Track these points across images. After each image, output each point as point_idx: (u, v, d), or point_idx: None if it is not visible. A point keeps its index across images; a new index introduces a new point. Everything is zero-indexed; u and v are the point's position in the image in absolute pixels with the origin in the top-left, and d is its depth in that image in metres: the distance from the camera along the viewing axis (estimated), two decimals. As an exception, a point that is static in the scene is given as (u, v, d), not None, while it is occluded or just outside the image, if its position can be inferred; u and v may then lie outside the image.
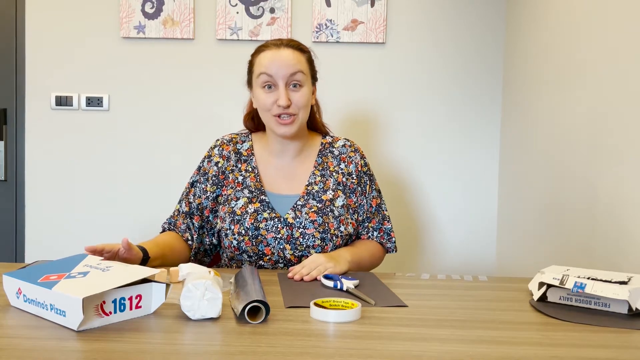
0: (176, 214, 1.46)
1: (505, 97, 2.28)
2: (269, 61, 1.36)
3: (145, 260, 1.22)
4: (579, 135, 1.62)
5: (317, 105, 1.52)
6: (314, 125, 1.52)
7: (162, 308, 0.93)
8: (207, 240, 1.44)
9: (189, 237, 1.42)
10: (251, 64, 1.43)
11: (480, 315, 0.96)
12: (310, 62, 1.43)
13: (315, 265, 1.22)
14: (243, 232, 1.35)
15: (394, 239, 1.49)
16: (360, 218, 1.46)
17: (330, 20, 2.26)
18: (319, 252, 1.36)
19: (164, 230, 1.45)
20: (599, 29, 1.52)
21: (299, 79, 1.36)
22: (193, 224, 1.43)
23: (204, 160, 1.48)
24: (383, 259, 1.49)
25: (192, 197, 1.45)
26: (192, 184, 1.46)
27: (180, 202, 1.46)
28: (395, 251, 1.50)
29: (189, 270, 0.97)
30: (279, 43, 1.39)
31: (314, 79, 1.45)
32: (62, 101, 2.29)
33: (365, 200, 1.47)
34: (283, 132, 1.38)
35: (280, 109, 1.35)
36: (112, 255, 1.12)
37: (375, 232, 1.47)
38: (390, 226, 1.49)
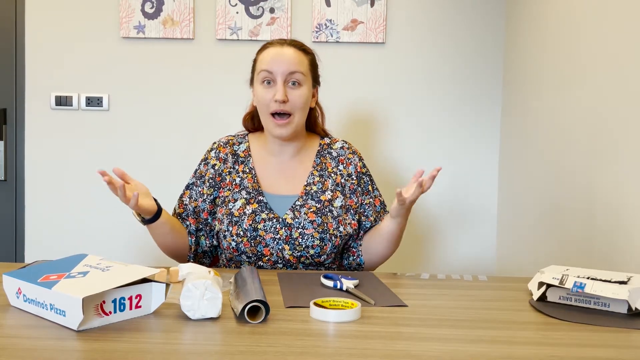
0: (173, 213, 1.46)
1: (505, 97, 2.28)
2: (271, 58, 1.38)
3: (157, 213, 1.30)
4: (578, 135, 1.62)
5: (320, 110, 1.53)
6: (314, 128, 1.52)
7: (162, 308, 0.93)
8: (207, 242, 1.44)
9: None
10: (254, 62, 1.44)
11: (480, 315, 0.96)
12: (313, 64, 1.44)
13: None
14: (241, 233, 1.35)
15: None
16: (371, 218, 1.46)
17: (330, 20, 2.26)
18: (318, 252, 1.36)
19: None
20: (599, 29, 1.52)
21: (297, 78, 1.37)
22: (188, 225, 1.43)
23: (200, 163, 1.48)
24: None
25: (187, 200, 1.45)
26: (188, 187, 1.47)
27: (176, 204, 1.47)
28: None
29: (189, 270, 0.97)
30: (283, 42, 1.41)
31: (315, 81, 1.45)
32: (62, 101, 2.29)
33: (371, 200, 1.47)
34: (279, 134, 1.39)
35: (276, 104, 1.36)
36: (121, 190, 1.19)
37: None
38: None
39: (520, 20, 2.13)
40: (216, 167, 1.45)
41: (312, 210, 1.38)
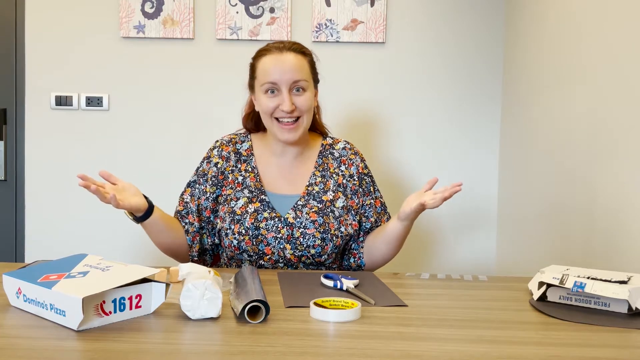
0: (174, 212, 1.47)
1: (505, 97, 2.28)
2: (272, 67, 1.36)
3: (149, 210, 1.30)
4: (578, 135, 1.62)
5: (317, 107, 1.53)
6: (314, 125, 1.52)
7: (162, 308, 0.93)
8: (209, 240, 1.44)
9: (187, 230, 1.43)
10: (253, 68, 1.42)
11: (480, 314, 0.96)
12: (312, 65, 1.43)
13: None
14: (243, 231, 1.35)
15: None
16: (372, 219, 1.46)
17: (330, 20, 2.26)
18: (319, 252, 1.36)
19: None
20: (599, 29, 1.52)
21: (302, 85, 1.37)
22: (187, 223, 1.42)
23: (203, 162, 1.48)
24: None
25: (187, 197, 1.45)
26: (189, 184, 1.47)
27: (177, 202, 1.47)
28: None
29: (189, 270, 0.97)
30: (281, 46, 1.38)
31: (315, 82, 1.45)
32: (62, 101, 2.29)
33: (371, 201, 1.47)
34: (287, 139, 1.39)
35: (283, 113, 1.35)
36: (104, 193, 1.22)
37: None
38: None
39: (520, 20, 2.13)
40: (219, 165, 1.45)
41: (313, 210, 1.38)
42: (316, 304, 0.93)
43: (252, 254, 1.36)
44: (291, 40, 2.21)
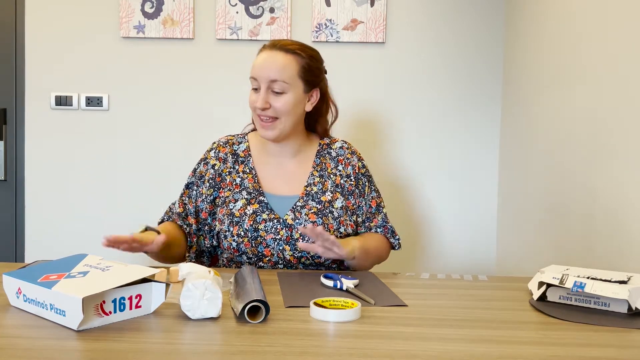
0: (170, 211, 1.45)
1: (505, 97, 2.28)
2: (258, 64, 1.37)
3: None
4: (578, 135, 1.62)
5: (326, 108, 1.50)
6: (314, 127, 1.51)
7: (161, 308, 0.93)
8: (206, 242, 1.44)
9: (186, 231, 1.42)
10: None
11: (480, 314, 0.96)
12: (306, 68, 1.38)
13: (327, 235, 1.19)
14: (242, 233, 1.35)
15: (397, 235, 1.49)
16: (360, 220, 1.46)
17: (330, 20, 2.26)
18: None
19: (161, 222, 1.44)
20: (599, 29, 1.52)
21: (279, 87, 1.35)
22: (189, 224, 1.42)
23: (199, 163, 1.47)
24: (389, 255, 1.49)
25: (186, 199, 1.44)
26: (187, 186, 1.46)
27: (175, 202, 1.46)
28: (399, 248, 1.49)
29: (189, 270, 0.97)
30: (274, 45, 1.38)
31: (310, 85, 1.40)
32: (62, 101, 2.29)
33: (364, 202, 1.47)
34: (264, 135, 1.39)
35: (259, 110, 1.36)
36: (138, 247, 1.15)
37: (379, 230, 1.47)
38: (391, 224, 1.49)
39: (520, 20, 2.13)
40: (216, 167, 1.45)
41: (312, 211, 1.38)
42: (316, 304, 0.93)
43: (251, 255, 1.36)
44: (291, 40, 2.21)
